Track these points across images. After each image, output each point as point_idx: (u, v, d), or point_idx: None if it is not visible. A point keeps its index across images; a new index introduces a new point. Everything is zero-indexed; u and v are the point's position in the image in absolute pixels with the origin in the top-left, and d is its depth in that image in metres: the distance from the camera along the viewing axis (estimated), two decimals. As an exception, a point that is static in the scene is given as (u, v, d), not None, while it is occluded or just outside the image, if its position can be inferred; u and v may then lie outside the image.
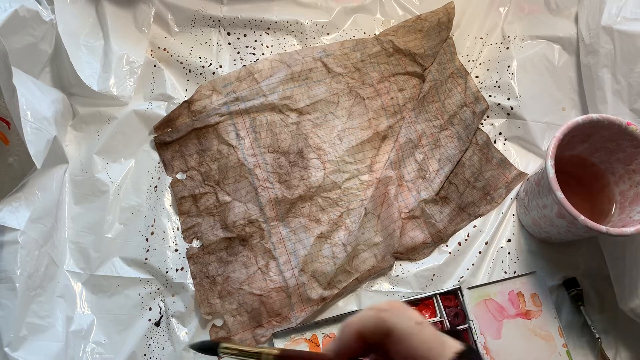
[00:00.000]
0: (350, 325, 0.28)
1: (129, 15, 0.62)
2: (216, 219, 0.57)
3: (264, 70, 0.63)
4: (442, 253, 0.57)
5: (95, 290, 0.54)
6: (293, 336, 0.53)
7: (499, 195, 0.60)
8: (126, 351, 0.51)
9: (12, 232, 0.46)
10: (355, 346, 0.29)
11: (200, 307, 0.53)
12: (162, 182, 0.58)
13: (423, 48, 0.66)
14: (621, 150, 0.51)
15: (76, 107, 0.59)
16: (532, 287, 0.55)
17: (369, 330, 0.28)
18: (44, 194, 0.51)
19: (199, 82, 0.62)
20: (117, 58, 0.59)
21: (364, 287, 0.55)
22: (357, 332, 0.28)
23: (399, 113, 0.63)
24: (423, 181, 0.60)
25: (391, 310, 0.28)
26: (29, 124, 0.47)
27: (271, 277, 0.54)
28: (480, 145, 0.62)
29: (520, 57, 0.65)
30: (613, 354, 0.53)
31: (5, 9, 0.47)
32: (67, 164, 0.57)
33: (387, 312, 0.28)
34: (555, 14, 0.67)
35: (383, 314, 0.28)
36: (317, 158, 0.59)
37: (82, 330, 0.51)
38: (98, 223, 0.56)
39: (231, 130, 0.60)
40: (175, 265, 0.55)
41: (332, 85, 0.63)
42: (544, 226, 0.53)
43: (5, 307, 0.44)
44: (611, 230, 0.45)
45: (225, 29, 0.65)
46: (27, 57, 0.51)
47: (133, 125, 0.59)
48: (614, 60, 0.56)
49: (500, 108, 0.63)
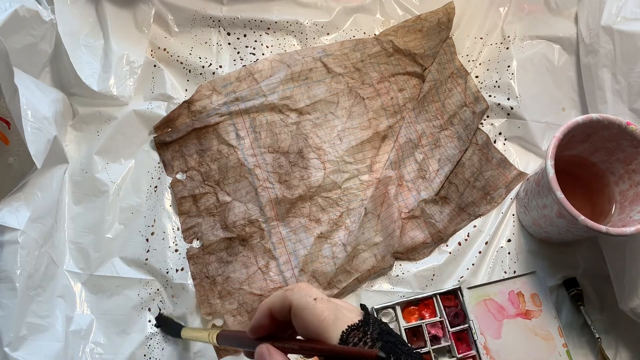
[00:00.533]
0: (262, 304, 0.31)
1: (129, 15, 0.62)
2: (216, 219, 0.57)
3: (264, 70, 0.63)
4: (442, 253, 0.57)
5: (95, 291, 0.54)
6: (293, 336, 0.53)
7: (499, 195, 0.60)
8: (126, 351, 0.51)
9: (12, 232, 0.46)
10: (267, 323, 0.31)
11: (200, 307, 0.53)
12: (162, 182, 0.58)
13: (423, 48, 0.66)
14: (621, 150, 0.51)
15: (76, 107, 0.59)
16: (532, 287, 0.55)
17: (276, 307, 0.31)
18: (44, 194, 0.51)
19: (199, 82, 0.62)
20: (117, 58, 0.59)
21: (364, 287, 0.55)
22: (267, 309, 0.31)
23: (399, 113, 0.63)
24: (423, 181, 0.60)
25: (294, 289, 0.30)
26: (29, 124, 0.47)
27: (271, 277, 0.54)
28: (480, 145, 0.62)
29: (520, 57, 0.65)
30: (613, 354, 0.53)
31: (5, 9, 0.47)
32: (67, 164, 0.57)
33: (290, 291, 0.30)
34: (555, 14, 0.67)
35: (287, 292, 0.30)
36: (317, 158, 0.59)
37: (82, 330, 0.51)
38: (98, 223, 0.55)
39: (231, 130, 0.60)
40: (176, 265, 0.55)
41: (332, 85, 0.63)
42: (544, 226, 0.53)
43: (5, 307, 0.44)
44: (611, 230, 0.45)
45: (225, 29, 0.65)
46: (27, 57, 0.51)
47: (133, 125, 0.59)
48: (614, 60, 0.56)
49: (500, 108, 0.63)
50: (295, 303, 0.29)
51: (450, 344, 0.52)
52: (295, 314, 0.29)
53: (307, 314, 0.29)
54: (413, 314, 0.53)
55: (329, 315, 0.29)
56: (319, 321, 0.29)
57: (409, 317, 0.53)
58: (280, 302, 0.30)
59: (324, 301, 0.29)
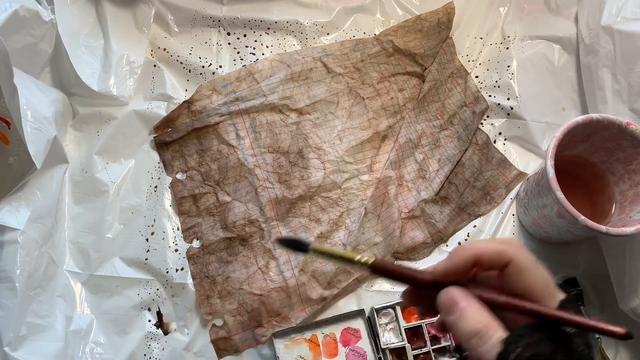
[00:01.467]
0: (467, 249, 0.29)
1: (129, 15, 0.62)
2: (216, 219, 0.57)
3: (264, 70, 0.63)
4: (442, 253, 0.57)
5: (94, 290, 0.54)
6: (293, 336, 0.53)
7: (498, 195, 0.60)
8: (126, 351, 0.51)
9: (12, 232, 0.46)
10: (465, 269, 0.29)
11: (200, 307, 0.53)
12: (162, 182, 0.58)
13: (423, 48, 0.66)
14: (621, 150, 0.51)
15: (76, 107, 0.59)
16: (532, 287, 0.55)
17: (487, 257, 0.28)
18: (44, 193, 0.51)
19: (199, 82, 0.62)
20: (117, 58, 0.59)
21: (364, 287, 0.55)
22: (473, 255, 0.29)
23: (399, 113, 0.63)
24: (423, 181, 0.60)
25: (513, 244, 0.29)
26: (29, 124, 0.47)
27: (271, 277, 0.54)
28: (480, 145, 0.62)
29: (520, 57, 0.65)
30: (613, 354, 0.53)
31: (5, 9, 0.47)
32: (67, 164, 0.57)
33: (509, 244, 0.28)
34: (555, 14, 0.67)
35: (505, 246, 0.28)
36: (317, 158, 0.59)
37: (82, 330, 0.51)
38: (98, 223, 0.55)
39: (231, 130, 0.60)
40: (176, 265, 0.55)
41: (332, 85, 0.63)
42: (544, 226, 0.53)
43: (5, 306, 0.44)
44: (611, 230, 0.45)
45: (225, 29, 0.65)
46: (27, 57, 0.51)
47: (133, 125, 0.59)
48: (614, 60, 0.56)
49: (500, 108, 0.63)
50: (520, 260, 0.28)
51: (450, 344, 0.52)
52: (519, 271, 0.28)
53: (532, 275, 0.28)
54: (413, 314, 0.53)
55: (551, 282, 0.28)
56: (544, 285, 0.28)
57: (409, 317, 0.53)
58: (494, 253, 0.28)
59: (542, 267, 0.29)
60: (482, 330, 0.27)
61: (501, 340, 0.26)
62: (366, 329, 0.53)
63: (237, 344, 0.52)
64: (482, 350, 0.26)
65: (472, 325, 0.27)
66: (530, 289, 0.28)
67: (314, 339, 0.53)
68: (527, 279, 0.28)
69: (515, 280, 0.28)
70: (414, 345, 0.52)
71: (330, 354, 0.52)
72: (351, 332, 0.53)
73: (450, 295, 0.28)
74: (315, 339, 0.53)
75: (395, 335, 0.52)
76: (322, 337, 0.53)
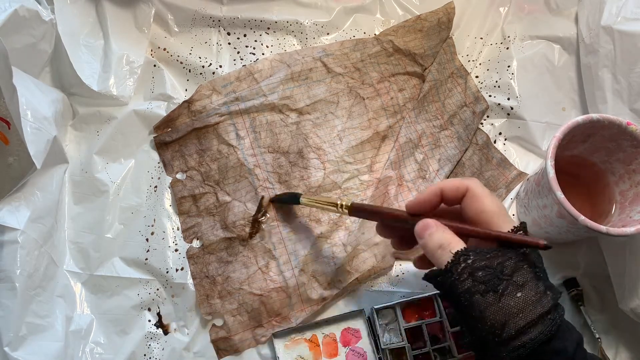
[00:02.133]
0: (435, 184, 0.37)
1: (129, 15, 0.62)
2: (216, 219, 0.57)
3: (264, 70, 0.63)
4: (442, 253, 0.57)
5: (94, 290, 0.54)
6: (293, 336, 0.53)
7: (499, 195, 0.60)
8: (126, 351, 0.51)
9: (11, 232, 0.46)
10: (434, 200, 0.37)
11: (200, 307, 0.53)
12: (162, 182, 0.58)
13: (423, 48, 0.66)
14: (621, 150, 0.51)
15: (76, 107, 0.59)
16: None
17: (451, 189, 0.36)
18: (44, 193, 0.51)
19: (198, 82, 0.62)
20: (117, 58, 0.59)
21: (364, 287, 0.55)
22: (440, 188, 0.36)
23: (399, 113, 0.63)
24: (423, 181, 0.60)
25: (471, 179, 0.36)
26: (29, 124, 0.47)
27: (271, 277, 0.54)
28: (480, 145, 0.62)
29: (520, 57, 0.65)
30: (613, 354, 0.53)
31: (5, 9, 0.47)
32: (67, 164, 0.57)
33: (467, 179, 0.36)
34: (555, 14, 0.67)
35: (464, 180, 0.36)
36: (317, 158, 0.59)
37: (82, 330, 0.51)
38: (98, 223, 0.55)
39: (231, 130, 0.60)
40: (176, 265, 0.55)
41: (332, 85, 0.63)
42: (544, 226, 0.53)
43: (5, 306, 0.44)
44: (611, 230, 0.45)
45: (225, 29, 0.65)
46: (27, 57, 0.51)
47: (133, 125, 0.59)
48: (614, 60, 0.56)
49: (500, 108, 0.63)
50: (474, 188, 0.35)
51: (450, 344, 0.52)
52: (473, 198, 0.35)
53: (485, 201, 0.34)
54: (413, 314, 0.53)
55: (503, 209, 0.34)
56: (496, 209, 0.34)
57: (409, 317, 0.53)
58: (456, 186, 0.36)
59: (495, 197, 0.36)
60: (444, 244, 0.33)
61: (454, 251, 0.33)
62: (366, 329, 0.53)
63: (237, 344, 0.52)
64: (442, 260, 0.33)
65: (437, 240, 0.34)
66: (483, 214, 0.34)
67: (314, 339, 0.53)
68: (480, 205, 0.34)
69: (472, 206, 0.35)
70: (414, 345, 0.52)
71: (330, 354, 0.52)
72: (351, 332, 0.53)
73: (423, 222, 0.35)
74: (315, 339, 0.53)
75: (395, 335, 0.52)
76: (322, 337, 0.53)
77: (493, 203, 0.34)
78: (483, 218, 0.34)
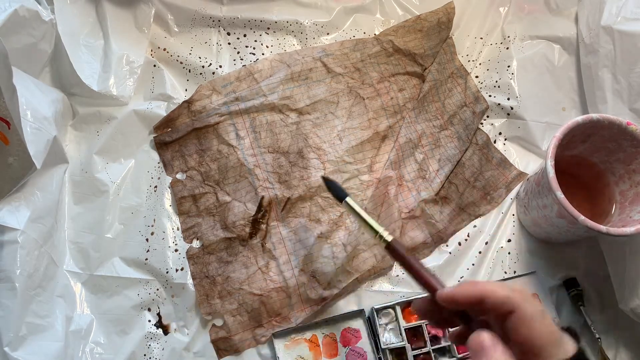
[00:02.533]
0: (479, 285, 0.30)
1: (129, 15, 0.62)
2: (216, 219, 0.57)
3: (263, 70, 0.63)
4: (442, 253, 0.57)
5: (94, 290, 0.54)
6: (293, 336, 0.53)
7: (499, 195, 0.60)
8: (126, 351, 0.51)
9: (11, 232, 0.46)
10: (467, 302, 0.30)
11: (200, 307, 0.53)
12: (162, 182, 0.58)
13: (423, 48, 0.66)
14: (621, 150, 0.51)
15: (76, 107, 0.59)
16: (532, 287, 0.55)
17: (493, 301, 0.29)
18: (44, 193, 0.51)
19: (198, 82, 0.62)
20: (117, 58, 0.59)
21: (364, 287, 0.55)
22: (480, 294, 0.29)
23: (399, 113, 0.63)
24: (423, 181, 0.60)
25: (521, 292, 0.29)
26: (29, 124, 0.47)
27: (271, 277, 0.54)
28: (480, 145, 0.62)
29: (520, 57, 0.65)
30: (613, 354, 0.53)
31: (5, 9, 0.47)
32: (67, 164, 0.57)
33: (517, 293, 0.29)
34: (555, 14, 0.67)
35: (514, 293, 0.29)
36: (317, 158, 0.59)
37: (82, 330, 0.51)
38: (98, 223, 0.55)
39: (231, 130, 0.60)
40: (176, 265, 0.55)
41: (332, 85, 0.63)
42: (544, 226, 0.53)
43: (5, 306, 0.44)
44: (611, 230, 0.45)
45: (225, 29, 0.65)
46: (27, 57, 0.51)
47: (133, 125, 0.59)
48: (614, 60, 0.56)
49: (500, 108, 0.63)
50: (525, 310, 0.29)
51: (450, 344, 0.52)
52: (521, 320, 0.29)
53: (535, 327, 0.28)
54: (413, 314, 0.53)
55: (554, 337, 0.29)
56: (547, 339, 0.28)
57: (409, 317, 0.53)
58: (502, 299, 0.29)
59: (548, 316, 0.29)
60: None
61: None
62: (366, 329, 0.53)
63: (237, 344, 0.52)
64: None
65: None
66: (534, 346, 0.28)
67: (314, 339, 0.53)
68: (529, 332, 0.28)
69: (518, 331, 0.29)
70: (414, 345, 0.52)
71: (330, 354, 0.52)
72: (351, 332, 0.53)
73: (480, 339, 0.29)
74: (315, 339, 0.53)
75: (395, 336, 0.52)
76: (322, 337, 0.53)
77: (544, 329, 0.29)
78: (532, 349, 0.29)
